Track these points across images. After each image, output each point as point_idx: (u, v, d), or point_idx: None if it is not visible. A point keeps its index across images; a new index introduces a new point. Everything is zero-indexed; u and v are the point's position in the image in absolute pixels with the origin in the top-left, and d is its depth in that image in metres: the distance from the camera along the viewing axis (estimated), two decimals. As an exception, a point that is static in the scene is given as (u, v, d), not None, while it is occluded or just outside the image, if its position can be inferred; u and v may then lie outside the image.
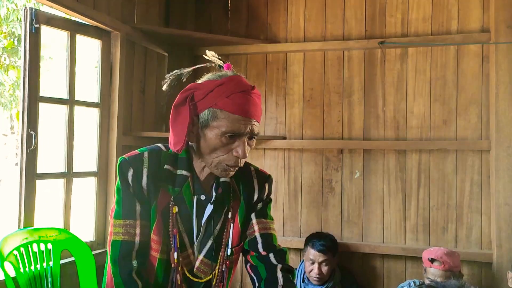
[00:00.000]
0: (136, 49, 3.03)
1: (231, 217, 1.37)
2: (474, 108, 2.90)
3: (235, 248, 1.39)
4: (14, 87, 8.60)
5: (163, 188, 1.29)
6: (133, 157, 1.30)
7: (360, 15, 3.11)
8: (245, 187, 1.41)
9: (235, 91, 1.22)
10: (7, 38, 7.68)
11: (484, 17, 2.89)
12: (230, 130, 1.22)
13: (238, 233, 1.40)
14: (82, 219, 2.92)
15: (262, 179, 1.45)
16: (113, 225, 1.28)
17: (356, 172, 3.07)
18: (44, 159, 2.48)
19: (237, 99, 1.22)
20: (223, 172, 1.28)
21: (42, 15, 2.39)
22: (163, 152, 1.32)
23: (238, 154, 1.24)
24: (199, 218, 1.32)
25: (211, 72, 1.33)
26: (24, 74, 2.35)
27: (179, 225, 1.30)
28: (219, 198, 1.33)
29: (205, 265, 1.35)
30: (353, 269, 3.04)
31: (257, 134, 1.28)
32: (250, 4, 3.33)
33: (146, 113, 3.14)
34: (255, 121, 1.25)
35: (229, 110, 1.21)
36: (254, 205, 1.43)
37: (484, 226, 2.86)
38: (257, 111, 1.26)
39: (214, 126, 1.23)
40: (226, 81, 1.24)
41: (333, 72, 3.14)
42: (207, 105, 1.23)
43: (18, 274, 2.17)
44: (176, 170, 1.31)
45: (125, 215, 1.27)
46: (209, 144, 1.25)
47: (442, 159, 2.94)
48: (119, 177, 1.29)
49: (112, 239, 1.27)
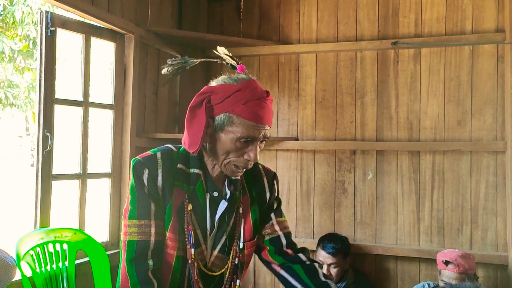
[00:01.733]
0: (150, 51, 3.05)
1: (242, 212, 1.41)
2: (489, 109, 2.87)
3: (247, 242, 1.43)
4: (29, 89, 8.72)
5: (178, 186, 1.32)
6: (147, 157, 1.33)
7: (373, 15, 3.10)
8: (254, 184, 1.46)
9: (251, 98, 1.26)
10: (22, 41, 7.79)
11: (499, 17, 2.86)
12: (245, 135, 1.26)
13: (250, 228, 1.44)
14: (97, 219, 2.95)
15: (271, 177, 1.51)
16: (127, 225, 1.30)
17: (369, 173, 3.06)
18: (59, 160, 2.51)
19: (253, 107, 1.26)
20: (232, 172, 1.33)
21: (57, 18, 2.42)
22: (174, 152, 1.36)
23: (250, 158, 1.29)
24: (212, 214, 1.36)
25: (222, 71, 1.35)
26: (40, 77, 2.38)
27: (193, 222, 1.33)
28: (232, 194, 1.37)
29: (219, 259, 1.38)
30: (366, 271, 3.02)
31: (268, 138, 1.32)
32: (263, 6, 3.33)
33: (159, 115, 3.17)
34: (268, 126, 1.30)
35: (245, 117, 1.25)
36: (269, 204, 1.49)
37: (499, 228, 2.82)
38: (270, 116, 1.31)
39: (230, 131, 1.27)
40: (243, 87, 1.27)
41: (346, 73, 3.13)
42: (224, 109, 1.27)
43: (34, 274, 2.20)
44: (189, 168, 1.34)
45: (140, 215, 1.29)
46: (223, 147, 1.29)
47: (456, 160, 2.91)
48: (133, 177, 1.31)
49: (128, 239, 1.29)
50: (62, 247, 2.34)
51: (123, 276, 1.30)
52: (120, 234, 2.81)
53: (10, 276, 1.87)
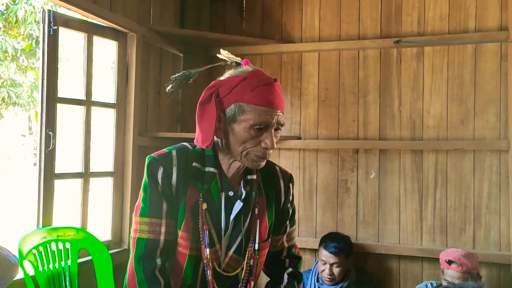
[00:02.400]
0: (152, 50, 3.05)
1: (258, 213, 1.40)
2: (493, 108, 2.86)
3: (262, 243, 1.42)
4: (32, 89, 8.74)
5: (192, 185, 1.31)
6: (162, 155, 1.32)
7: (376, 14, 3.09)
8: (271, 186, 1.45)
9: (259, 84, 1.26)
10: (25, 40, 7.80)
11: (502, 16, 2.85)
12: (258, 122, 1.25)
13: (265, 230, 1.43)
14: (99, 218, 2.95)
15: (287, 180, 1.49)
16: (138, 222, 1.30)
17: (371, 173, 3.05)
18: (62, 159, 2.51)
19: (262, 92, 1.25)
20: (253, 163, 1.30)
21: (59, 17, 2.43)
22: (190, 150, 1.35)
23: (267, 145, 1.27)
24: (227, 214, 1.34)
25: (228, 70, 1.35)
26: (43, 76, 2.39)
27: (208, 222, 1.32)
28: (247, 194, 1.36)
29: (234, 260, 1.37)
30: (369, 270, 3.02)
31: (283, 125, 1.31)
32: (265, 4, 3.33)
33: (162, 114, 3.16)
34: (280, 111, 1.29)
35: (255, 102, 1.25)
36: (284, 207, 1.49)
37: (503, 227, 2.81)
38: (281, 102, 1.30)
39: (242, 120, 1.26)
40: (249, 75, 1.27)
41: (348, 72, 3.12)
42: (233, 100, 1.26)
43: (37, 272, 2.21)
44: (204, 167, 1.33)
45: (151, 214, 1.29)
46: (238, 137, 1.28)
47: (459, 160, 2.90)
48: (147, 175, 1.30)
49: (137, 237, 1.29)
50: (64, 246, 2.34)
51: (130, 273, 1.30)
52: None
53: (12, 274, 1.87)
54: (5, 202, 9.50)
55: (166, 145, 3.28)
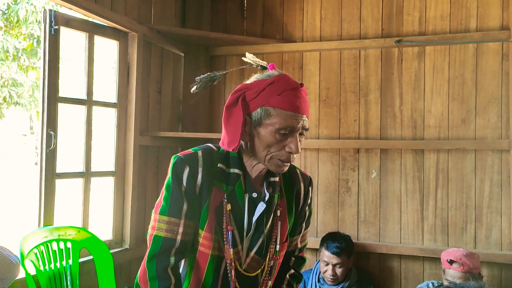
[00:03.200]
0: (153, 50, 3.05)
1: (280, 215, 1.41)
2: (494, 107, 2.85)
3: (282, 244, 1.43)
4: (33, 88, 8.74)
5: (217, 186, 1.32)
6: (189, 155, 1.32)
7: (377, 13, 3.09)
8: (292, 188, 1.46)
9: (286, 88, 1.27)
10: (26, 39, 7.81)
11: (503, 15, 2.84)
12: (284, 126, 1.26)
13: (286, 231, 1.44)
14: (100, 218, 2.95)
15: (307, 183, 1.51)
16: (157, 220, 1.30)
17: (372, 172, 3.05)
18: (63, 159, 2.52)
19: (288, 97, 1.26)
20: (277, 167, 1.31)
21: (60, 17, 2.43)
22: (215, 151, 1.35)
23: (292, 150, 1.28)
24: (250, 216, 1.35)
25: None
26: (44, 75, 2.39)
27: (231, 222, 1.32)
28: (270, 196, 1.37)
29: (255, 261, 1.38)
30: (370, 270, 3.02)
31: (307, 129, 1.32)
32: (266, 4, 3.32)
33: (163, 113, 3.17)
34: (305, 116, 1.30)
35: (282, 107, 1.26)
36: (302, 210, 1.50)
37: (504, 227, 2.81)
38: (306, 106, 1.31)
39: (268, 124, 1.27)
40: (277, 80, 1.28)
41: (350, 72, 3.12)
42: (260, 103, 1.27)
43: (38, 272, 2.21)
44: (229, 168, 1.34)
45: (171, 213, 1.29)
46: (263, 141, 1.28)
47: (460, 159, 2.90)
48: (171, 174, 1.30)
49: (155, 234, 1.30)
50: (66, 245, 2.34)
51: (142, 269, 1.31)
52: (124, 232, 2.82)
53: (13, 274, 1.87)
54: (6, 202, 9.51)
55: (168, 144, 3.27)
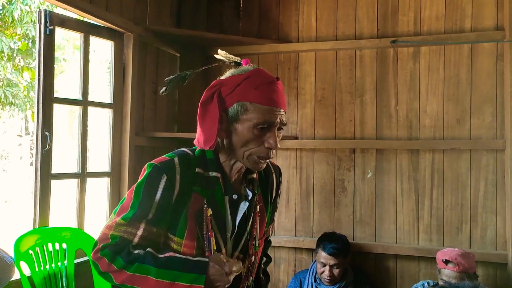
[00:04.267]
0: (149, 50, 3.04)
1: (260, 210, 1.40)
2: (489, 107, 2.86)
3: (261, 239, 1.43)
4: (28, 89, 8.70)
5: (196, 192, 1.28)
6: (165, 163, 1.27)
7: (372, 14, 3.09)
8: (267, 181, 1.45)
9: (262, 82, 1.25)
10: (21, 40, 7.77)
11: (498, 15, 2.86)
12: (262, 121, 1.24)
13: (265, 224, 1.44)
14: (96, 219, 2.94)
15: (278, 173, 1.50)
16: (116, 222, 1.25)
17: (368, 172, 3.05)
18: (58, 160, 2.51)
19: (265, 91, 1.24)
20: (255, 164, 1.29)
21: (56, 17, 2.42)
22: (191, 156, 1.31)
23: (271, 145, 1.26)
24: (233, 217, 1.33)
25: (228, 69, 1.34)
26: (39, 76, 2.38)
27: (213, 227, 1.29)
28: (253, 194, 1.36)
29: (238, 259, 1.35)
30: (366, 270, 3.02)
31: (285, 124, 1.30)
32: (262, 4, 3.33)
33: (158, 114, 3.16)
34: (283, 110, 1.28)
35: (259, 101, 1.24)
36: (275, 200, 1.50)
37: (499, 227, 2.82)
38: (284, 100, 1.29)
39: (245, 119, 1.24)
40: (252, 74, 1.26)
41: (345, 72, 3.13)
42: (236, 99, 1.25)
43: (33, 273, 2.20)
44: (207, 172, 1.30)
45: (133, 220, 1.25)
46: (241, 137, 1.26)
47: (456, 159, 2.91)
48: (146, 181, 1.26)
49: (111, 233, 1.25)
50: (61, 246, 2.33)
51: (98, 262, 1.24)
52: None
53: (8, 275, 1.87)
54: (1, 203, 9.46)
55: (163, 145, 3.25)
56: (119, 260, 1.21)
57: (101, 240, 1.25)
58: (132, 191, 1.28)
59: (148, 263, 1.21)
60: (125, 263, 1.21)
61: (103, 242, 1.24)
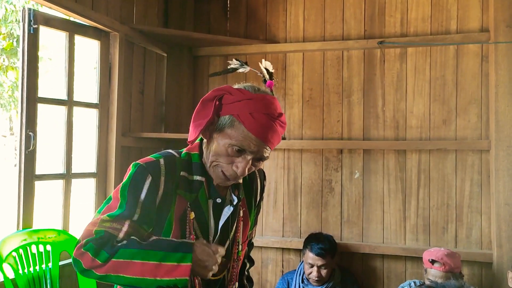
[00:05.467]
0: (135, 50, 3.02)
1: (243, 215, 1.40)
2: (474, 108, 2.89)
3: (243, 243, 1.43)
4: (13, 88, 8.59)
5: (180, 194, 1.28)
6: (150, 164, 1.27)
7: (359, 15, 3.11)
8: (252, 185, 1.45)
9: (260, 111, 1.23)
10: (6, 39, 7.66)
11: (483, 17, 2.89)
12: (239, 144, 1.23)
13: (248, 229, 1.45)
14: (81, 220, 2.91)
15: (263, 177, 1.51)
16: (101, 219, 1.23)
17: (355, 172, 3.07)
18: (43, 160, 2.47)
19: (259, 120, 1.22)
20: (218, 179, 1.29)
21: (40, 16, 2.38)
22: (177, 158, 1.31)
23: (237, 170, 1.25)
24: (216, 221, 1.33)
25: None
26: (23, 75, 2.34)
27: (196, 230, 1.29)
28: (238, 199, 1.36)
29: (222, 264, 1.34)
30: (353, 270, 3.03)
31: (266, 158, 1.28)
32: (249, 4, 3.32)
33: (145, 114, 3.14)
34: (268, 147, 1.26)
35: (247, 126, 1.22)
36: (259, 204, 1.51)
37: (484, 226, 2.85)
38: (274, 138, 1.26)
39: (227, 134, 1.24)
40: (258, 98, 1.24)
41: (333, 72, 3.14)
42: (230, 111, 1.24)
43: (17, 275, 2.16)
44: (192, 175, 1.30)
45: (118, 217, 1.23)
46: (216, 148, 1.26)
47: (442, 159, 2.93)
48: (131, 182, 1.25)
49: (95, 229, 1.21)
50: (45, 248, 2.30)
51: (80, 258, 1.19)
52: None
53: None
54: (-15, 204, 9.31)
55: (150, 145, 3.23)
56: (103, 253, 1.17)
57: (85, 237, 1.21)
58: (118, 191, 1.27)
59: (132, 247, 1.17)
60: (109, 255, 1.17)
61: (87, 238, 1.21)
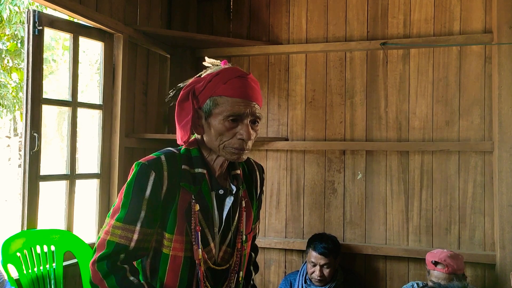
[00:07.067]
0: (139, 51, 3.03)
1: (245, 205, 1.44)
2: (477, 109, 2.89)
3: (248, 234, 1.46)
4: (17, 89, 8.63)
5: (184, 187, 1.32)
6: (152, 161, 1.31)
7: (362, 16, 3.11)
8: (251, 177, 1.50)
9: (231, 77, 1.30)
10: (10, 40, 7.70)
11: (486, 18, 2.89)
12: (232, 113, 1.28)
13: (251, 220, 1.47)
14: (85, 220, 2.92)
15: (261, 171, 1.55)
16: (112, 225, 1.28)
17: (358, 174, 3.07)
18: (47, 161, 2.48)
19: (234, 84, 1.29)
20: (232, 155, 1.32)
21: (45, 17, 2.40)
22: (177, 154, 1.36)
23: (242, 136, 1.29)
24: (220, 212, 1.37)
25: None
26: (27, 76, 2.36)
27: (201, 222, 1.33)
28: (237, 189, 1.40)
29: (227, 254, 1.40)
30: (356, 271, 3.03)
31: (259, 117, 1.33)
32: (252, 6, 3.33)
33: (149, 115, 3.15)
34: (255, 103, 1.31)
35: (228, 94, 1.28)
36: (259, 197, 1.54)
37: (487, 228, 2.85)
38: (255, 94, 1.32)
39: (217, 113, 1.29)
40: (223, 71, 1.32)
41: (335, 74, 3.14)
42: (207, 95, 1.30)
43: (21, 275, 2.18)
44: (193, 169, 1.35)
45: (126, 220, 1.27)
46: (215, 131, 1.30)
47: (444, 160, 2.93)
48: (135, 181, 1.29)
49: (108, 239, 1.27)
50: (49, 248, 2.32)
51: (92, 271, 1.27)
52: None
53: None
54: (-11, 205, 9.35)
55: (154, 146, 3.25)
56: (112, 280, 1.25)
57: (99, 247, 1.28)
58: (123, 191, 1.31)
59: None
60: (117, 285, 1.25)
61: (101, 249, 1.27)
